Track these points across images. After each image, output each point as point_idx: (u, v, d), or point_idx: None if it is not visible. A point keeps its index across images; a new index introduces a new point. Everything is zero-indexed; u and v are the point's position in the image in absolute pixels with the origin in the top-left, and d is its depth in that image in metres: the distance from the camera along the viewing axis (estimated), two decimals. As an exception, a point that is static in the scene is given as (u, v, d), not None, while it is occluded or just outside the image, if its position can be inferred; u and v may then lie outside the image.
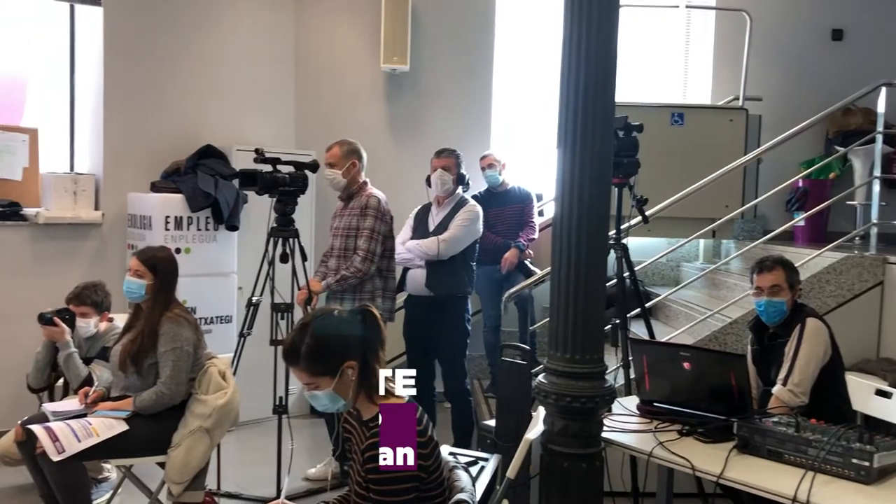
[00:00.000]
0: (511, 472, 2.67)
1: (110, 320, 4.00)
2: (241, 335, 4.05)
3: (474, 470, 2.59)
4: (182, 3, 5.22)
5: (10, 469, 3.86)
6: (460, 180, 4.34)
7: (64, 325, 3.68)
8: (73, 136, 5.28)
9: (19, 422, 3.45)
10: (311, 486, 4.15)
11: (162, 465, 3.35)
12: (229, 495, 3.96)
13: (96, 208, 5.01)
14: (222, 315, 4.98)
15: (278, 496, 3.76)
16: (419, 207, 4.45)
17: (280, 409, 3.87)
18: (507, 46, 6.12)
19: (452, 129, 5.65)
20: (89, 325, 3.86)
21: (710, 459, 2.58)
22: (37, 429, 3.14)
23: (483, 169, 5.28)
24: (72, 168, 5.25)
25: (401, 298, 4.49)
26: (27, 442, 3.27)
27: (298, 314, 4.05)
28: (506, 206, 5.24)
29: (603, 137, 2.62)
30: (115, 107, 5.02)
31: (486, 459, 2.77)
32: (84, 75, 5.19)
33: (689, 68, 6.43)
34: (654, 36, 6.40)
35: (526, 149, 6.18)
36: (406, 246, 4.29)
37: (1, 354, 4.26)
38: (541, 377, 2.72)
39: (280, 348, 3.87)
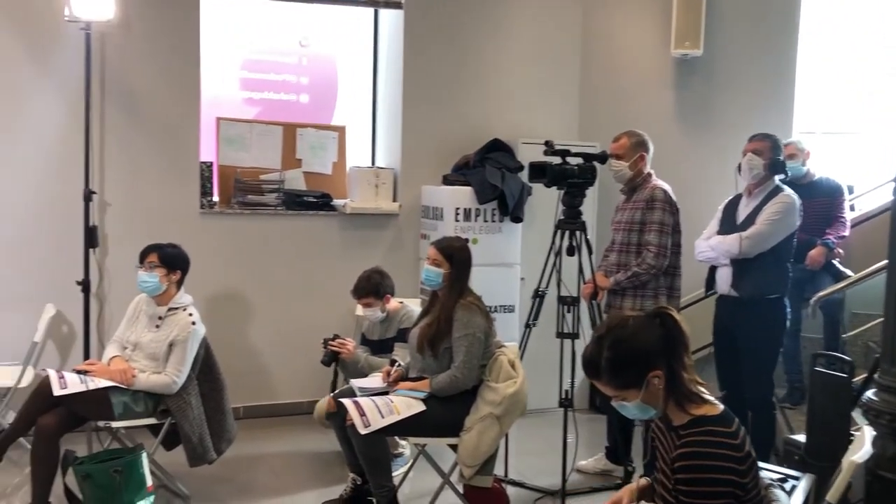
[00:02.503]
0: (832, 496, 2.40)
1: (400, 302, 4.26)
2: (527, 325, 4.09)
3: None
4: (474, 1, 5.39)
5: (329, 438, 4.26)
6: (774, 167, 3.90)
7: (345, 349, 4.01)
8: (374, 132, 5.70)
9: (331, 394, 3.79)
10: (594, 482, 4.11)
11: (453, 447, 3.49)
12: (513, 483, 4.03)
13: (394, 200, 5.35)
14: (505, 304, 5.08)
15: (563, 488, 3.78)
16: (729, 199, 4.12)
17: (566, 402, 3.85)
18: (815, 22, 5.55)
19: (749, 117, 5.24)
20: (375, 311, 4.14)
21: None
22: (347, 402, 3.41)
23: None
24: (373, 162, 5.67)
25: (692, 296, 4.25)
26: (337, 413, 3.58)
27: (584, 308, 4.02)
28: (811, 200, 4.74)
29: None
30: (413, 104, 5.32)
31: (796, 478, 2.51)
32: (386, 75, 5.56)
33: None
34: None
35: (835, 136, 5.57)
36: (709, 243, 4.01)
37: (311, 330, 4.70)
38: (870, 394, 2.40)
39: (565, 341, 3.92)
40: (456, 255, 3.60)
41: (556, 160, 3.96)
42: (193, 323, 3.67)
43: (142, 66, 4.70)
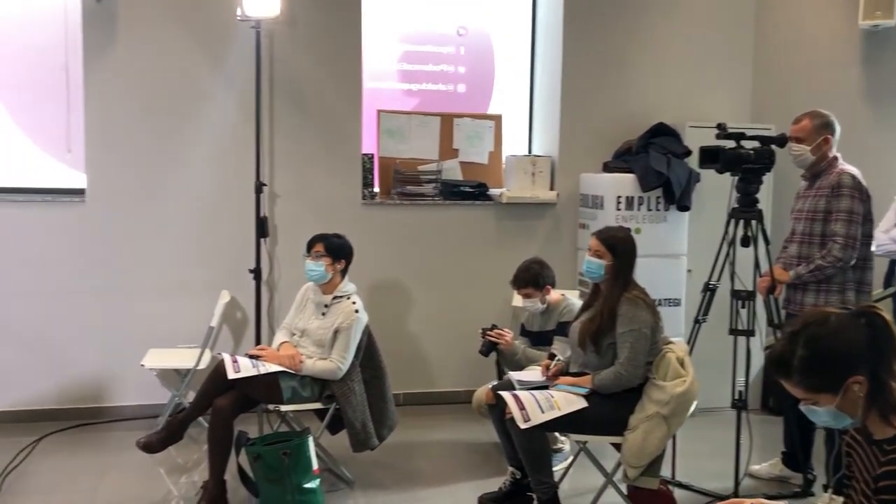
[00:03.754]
0: None
1: (562, 294, 4.16)
2: (696, 321, 3.86)
3: None
4: (638, -20, 5.16)
5: (488, 429, 4.25)
6: None
7: (503, 339, 3.96)
8: (531, 119, 5.60)
9: (490, 385, 3.76)
10: (768, 489, 3.83)
11: (617, 446, 3.35)
12: (680, 485, 3.83)
13: (551, 188, 5.24)
14: (671, 298, 4.84)
15: (736, 493, 3.55)
16: None
17: (739, 403, 3.61)
18: None
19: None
20: (535, 302, 4.04)
21: None
22: (507, 395, 3.35)
23: None
24: (530, 150, 5.58)
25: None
26: (496, 406, 3.53)
27: (760, 303, 3.75)
28: None
29: None
30: (572, 89, 5.17)
31: None
32: (543, 60, 5.45)
33: None
34: None
35: None
36: (890, 235, 3.67)
37: (470, 319, 4.70)
38: None
39: (739, 338, 3.67)
40: (619, 246, 3.45)
41: (730, 144, 3.71)
42: (357, 311, 3.74)
43: (307, 61, 4.85)
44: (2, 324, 4.53)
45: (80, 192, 4.69)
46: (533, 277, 4.03)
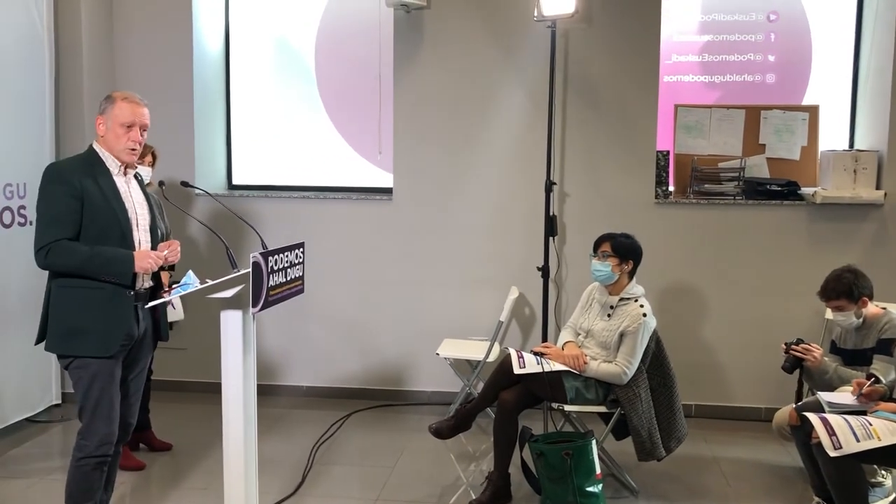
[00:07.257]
0: None
1: (882, 307, 3.66)
2: None
3: None
4: None
5: (790, 451, 3.88)
6: None
7: (810, 356, 3.56)
8: (854, 110, 4.98)
9: (794, 405, 3.40)
10: None
11: (955, 490, 2.85)
12: None
13: (878, 187, 4.62)
14: None
15: None
16: None
17: None
18: None
19: None
20: (849, 316, 3.62)
21: None
22: (813, 418, 3.01)
23: None
24: (851, 145, 4.97)
25: None
26: (801, 428, 3.19)
27: None
28: None
29: None
30: (907, 74, 4.51)
31: None
32: (871, 42, 4.81)
33: None
34: None
35: None
36: None
37: (772, 331, 4.34)
38: None
39: None
40: (965, 254, 2.92)
41: None
42: (645, 315, 3.60)
43: (601, 58, 4.77)
44: (323, 309, 5.07)
45: (388, 192, 5.09)
46: (846, 288, 3.57)
